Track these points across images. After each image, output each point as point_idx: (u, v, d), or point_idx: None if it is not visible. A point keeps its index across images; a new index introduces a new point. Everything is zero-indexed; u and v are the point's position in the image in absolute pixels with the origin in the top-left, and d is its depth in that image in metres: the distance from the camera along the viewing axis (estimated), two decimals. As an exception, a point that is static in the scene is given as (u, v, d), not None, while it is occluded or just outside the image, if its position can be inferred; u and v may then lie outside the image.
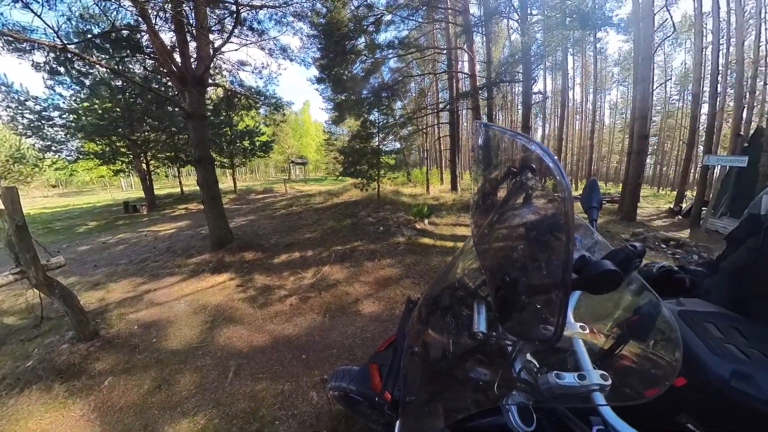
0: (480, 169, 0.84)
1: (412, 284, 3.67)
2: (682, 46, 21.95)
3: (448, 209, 7.93)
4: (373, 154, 8.10)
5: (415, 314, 0.92)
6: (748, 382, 0.50)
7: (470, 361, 0.65)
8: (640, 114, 8.18)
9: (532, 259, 0.53)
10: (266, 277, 4.10)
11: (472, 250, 0.80)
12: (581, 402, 0.50)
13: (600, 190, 0.96)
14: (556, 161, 0.43)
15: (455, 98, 11.29)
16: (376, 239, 5.32)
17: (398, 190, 10.99)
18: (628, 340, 0.58)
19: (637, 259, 0.50)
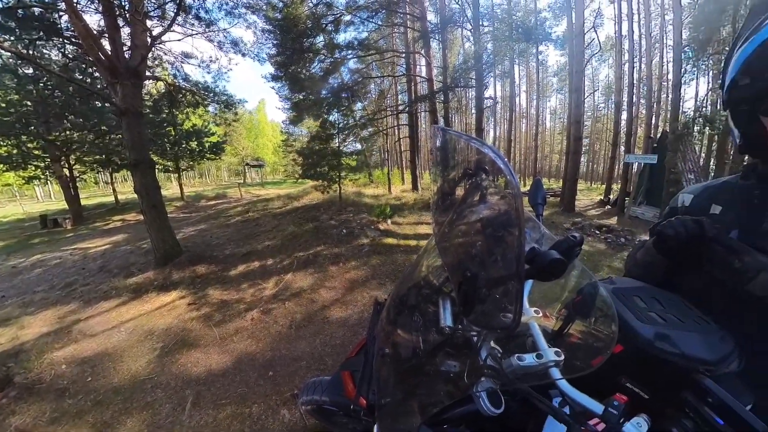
0: (439, 170, 0.87)
1: (378, 285, 3.66)
2: (606, 62, 25.06)
3: (410, 209, 8.09)
4: (333, 155, 7.96)
5: (384, 315, 0.92)
6: (667, 341, 0.59)
7: (440, 356, 0.67)
8: (575, 119, 9.28)
9: (489, 254, 0.57)
10: (222, 292, 3.77)
11: (434, 249, 0.83)
12: (541, 379, 0.55)
13: (544, 186, 1.06)
14: (506, 162, 0.47)
15: (414, 101, 11.60)
16: (340, 242, 5.23)
17: (360, 191, 10.94)
18: (575, 318, 0.66)
19: (577, 247, 0.55)
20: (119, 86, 4.12)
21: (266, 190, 16.99)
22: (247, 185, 20.80)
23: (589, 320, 0.65)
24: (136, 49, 4.33)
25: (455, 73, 9.75)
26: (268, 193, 14.88)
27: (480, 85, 9.36)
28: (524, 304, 0.66)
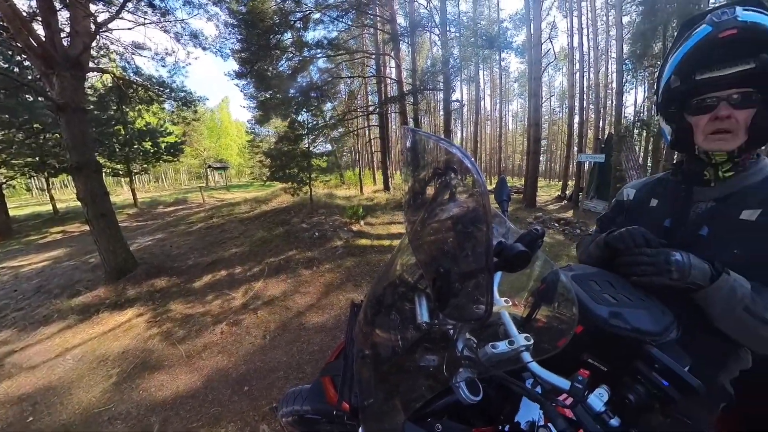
0: (409, 170, 0.89)
1: (354, 287, 3.63)
2: (561, 71, 26.99)
3: (382, 209, 8.13)
4: (303, 156, 7.75)
5: (361, 317, 0.92)
6: (619, 318, 0.66)
7: (419, 351, 0.69)
8: (534, 122, 9.98)
9: (460, 249, 0.59)
10: (186, 305, 3.50)
11: (407, 247, 0.84)
12: (514, 364, 0.58)
13: (508, 184, 1.13)
14: (473, 162, 0.49)
15: (384, 102, 11.69)
16: (313, 246, 5.11)
17: (332, 192, 10.78)
18: (540, 305, 0.71)
19: (539, 240, 0.60)
20: (56, 78, 3.65)
21: (231, 193, 16.11)
22: (209, 189, 19.50)
23: (552, 305, 0.70)
24: (76, 36, 3.86)
25: (424, 75, 10.00)
26: (233, 197, 14.10)
27: (447, 88, 9.69)
28: (495, 295, 0.69)
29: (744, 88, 0.68)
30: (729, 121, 0.70)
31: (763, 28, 0.64)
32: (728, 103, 0.69)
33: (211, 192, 17.10)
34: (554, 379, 0.56)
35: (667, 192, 0.88)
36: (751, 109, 0.68)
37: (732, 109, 0.69)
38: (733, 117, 0.69)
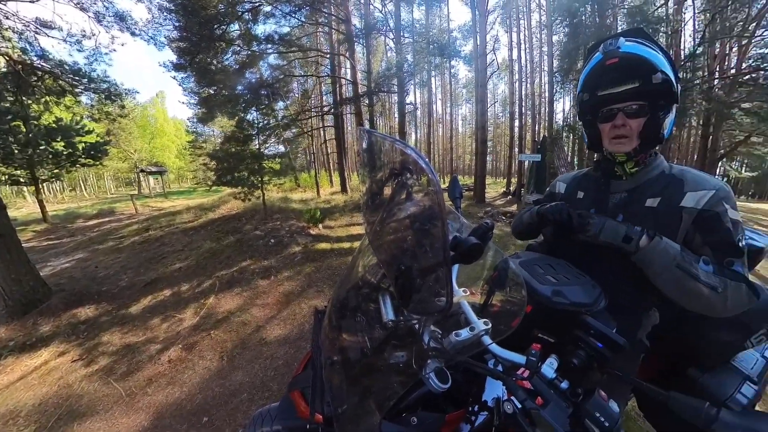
0: (366, 171, 0.89)
1: (316, 293, 3.51)
2: (503, 80, 29.39)
3: (340, 211, 8.02)
4: (253, 158, 7.26)
5: (326, 323, 0.90)
6: (560, 295, 0.76)
7: (387, 350, 0.70)
8: (481, 125, 10.75)
9: (419, 246, 0.61)
10: (123, 335, 3.00)
11: (368, 248, 0.85)
12: (477, 347, 0.63)
13: (460, 182, 1.24)
14: (427, 162, 0.51)
15: (339, 103, 11.54)
16: (269, 253, 4.82)
17: (287, 196, 10.32)
18: (495, 291, 0.79)
19: (490, 232, 0.66)
20: None
21: (171, 201, 14.50)
22: (143, 197, 17.24)
23: (505, 290, 0.78)
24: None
25: (379, 78, 10.10)
26: (173, 205, 12.70)
27: (402, 91, 9.93)
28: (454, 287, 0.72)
29: (637, 101, 0.82)
30: (625, 128, 0.85)
31: (639, 57, 0.78)
32: (624, 113, 0.84)
33: (146, 200, 15.14)
34: (512, 356, 0.62)
35: (590, 185, 1.02)
36: (642, 118, 0.83)
37: (627, 118, 0.84)
38: (627, 125, 0.84)
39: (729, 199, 0.78)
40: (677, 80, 0.81)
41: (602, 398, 0.53)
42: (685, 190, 0.82)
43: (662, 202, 0.83)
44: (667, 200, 0.83)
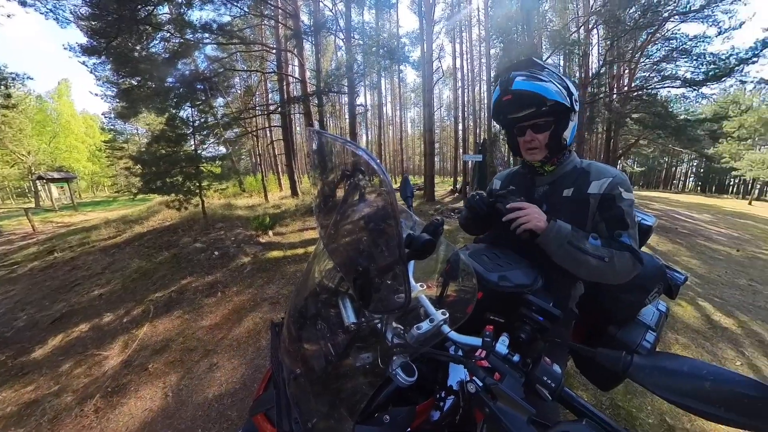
0: (317, 173, 0.88)
1: (271, 306, 3.27)
2: (448, 86, 31.36)
3: (292, 216, 7.66)
4: (189, 161, 6.51)
5: (285, 335, 0.85)
6: (506, 279, 0.86)
7: (352, 353, 0.70)
8: (428, 128, 11.33)
9: (375, 246, 0.62)
10: (22, 388, 2.38)
11: (323, 252, 0.84)
12: (437, 337, 0.66)
13: (411, 182, 1.36)
14: (378, 163, 0.52)
15: (287, 102, 10.97)
16: (213, 268, 4.36)
17: (230, 202, 9.48)
18: (449, 282, 0.84)
19: (441, 228, 0.71)
20: None
21: (83, 214, 12.20)
22: (43, 211, 14.12)
23: (458, 281, 0.84)
24: None
25: (329, 77, 9.89)
26: (87, 218, 10.71)
27: (352, 92, 9.88)
28: (411, 282, 0.76)
29: (540, 119, 0.98)
30: (534, 142, 1.01)
31: (528, 92, 0.93)
32: (531, 129, 1.00)
33: (47, 215, 12.44)
34: (469, 340, 0.67)
35: (520, 181, 1.19)
36: (547, 132, 0.99)
37: (534, 133, 1.00)
38: (535, 139, 1.01)
39: (623, 184, 0.95)
40: (571, 96, 0.97)
41: (547, 364, 0.59)
42: (590, 179, 0.99)
43: (575, 192, 1.00)
44: (578, 189, 0.99)
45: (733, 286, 4.31)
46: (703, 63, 8.96)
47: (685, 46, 9.50)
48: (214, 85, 8.63)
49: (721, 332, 3.06)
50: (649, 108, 10.03)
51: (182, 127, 6.70)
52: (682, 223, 9.03)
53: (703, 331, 3.05)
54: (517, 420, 0.50)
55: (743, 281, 4.54)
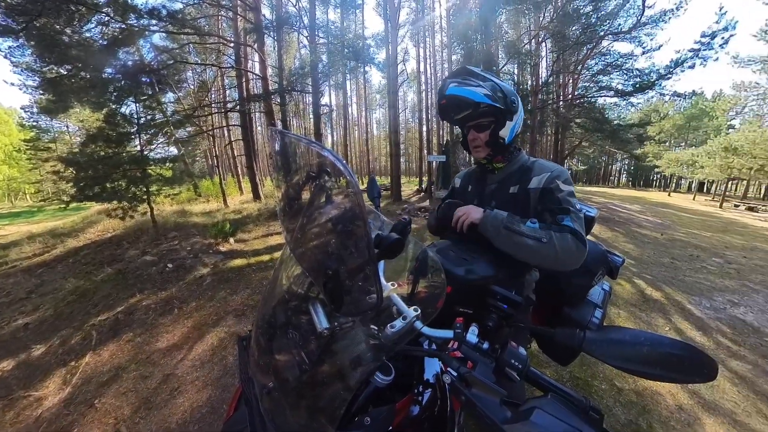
0: (281, 175, 0.86)
1: (236, 319, 3.06)
2: (412, 88, 31.95)
3: (254, 221, 7.26)
4: (134, 163, 5.85)
5: (254, 348, 0.81)
6: (472, 272, 0.90)
7: (327, 359, 0.69)
8: (394, 129, 11.45)
9: (343, 248, 0.61)
10: None
11: (290, 257, 0.82)
12: (411, 334, 0.67)
13: (377, 182, 1.34)
14: (345, 164, 0.51)
15: (246, 99, 10.36)
16: (167, 282, 3.97)
17: (185, 209, 8.71)
18: (419, 279, 0.86)
19: (408, 227, 0.72)
20: None
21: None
22: None
23: (427, 277, 0.86)
24: None
25: (292, 76, 9.55)
26: (3, 233, 9.13)
27: (317, 91, 9.65)
28: (382, 282, 0.77)
29: (481, 119, 1.08)
30: (476, 140, 1.11)
31: (458, 97, 1.04)
32: (474, 129, 1.11)
33: None
34: (442, 333, 0.69)
35: (475, 179, 1.29)
36: (488, 131, 1.09)
37: (476, 133, 1.10)
38: (477, 138, 1.11)
39: (560, 177, 1.03)
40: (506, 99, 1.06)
41: (513, 347, 0.62)
42: (531, 176, 1.07)
43: (519, 188, 1.08)
44: (522, 186, 1.08)
45: (659, 265, 5.06)
46: (631, 77, 10.48)
47: (617, 61, 11.06)
48: (163, 78, 7.86)
49: (652, 304, 3.61)
50: (589, 114, 11.38)
51: (125, 125, 6.00)
52: (619, 214, 10.27)
53: (639, 304, 3.57)
54: (491, 403, 0.52)
55: (667, 260, 5.37)
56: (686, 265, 5.12)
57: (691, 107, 32.31)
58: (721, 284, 4.30)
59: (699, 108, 32.13)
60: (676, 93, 10.51)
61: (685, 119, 32.74)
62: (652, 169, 36.74)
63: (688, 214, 11.84)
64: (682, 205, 15.31)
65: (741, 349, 2.78)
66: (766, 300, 3.84)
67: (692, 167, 22.52)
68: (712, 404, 2.09)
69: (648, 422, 1.90)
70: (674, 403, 2.07)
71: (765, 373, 2.45)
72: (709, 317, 3.33)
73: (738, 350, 2.76)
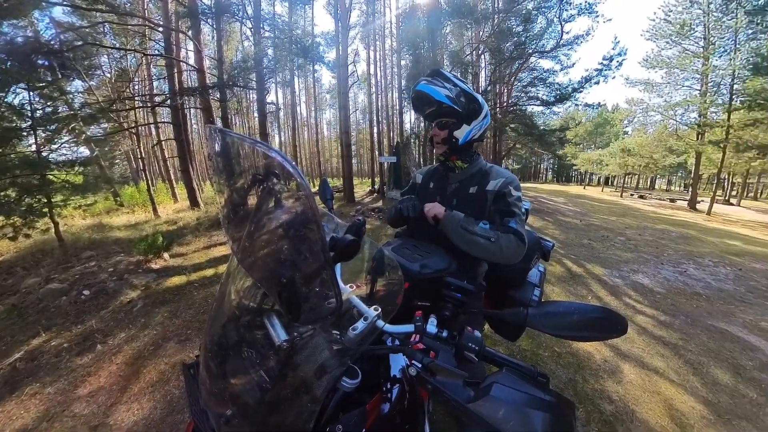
0: (223, 179, 0.78)
1: (179, 345, 2.68)
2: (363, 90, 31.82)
3: (193, 231, 6.51)
4: (28, 167, 4.75)
5: (204, 375, 0.73)
6: (426, 267, 0.97)
7: (290, 373, 0.65)
8: (345, 130, 11.35)
9: (297, 254, 0.59)
10: None
11: (238, 269, 0.77)
12: (374, 334, 0.67)
13: (330, 184, 1.35)
14: (294, 166, 0.50)
15: (179, 93, 9.15)
16: (83, 314, 3.29)
17: (102, 222, 7.40)
18: (377, 279, 0.88)
19: (363, 227, 0.73)
20: None
21: None
22: None
23: (385, 275, 0.88)
24: None
25: (234, 69, 8.75)
26: None
27: (262, 88, 9.04)
28: (340, 285, 0.75)
29: (443, 118, 1.18)
30: (437, 137, 1.21)
31: (424, 93, 1.13)
32: (437, 126, 1.20)
33: None
34: (403, 329, 0.71)
35: (437, 177, 1.37)
36: (447, 130, 1.18)
37: (438, 130, 1.19)
38: (438, 135, 1.20)
39: (513, 183, 1.16)
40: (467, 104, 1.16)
41: (470, 332, 0.66)
42: (489, 179, 1.19)
43: (477, 189, 1.19)
44: (481, 187, 1.19)
45: (580, 246, 6.09)
46: (553, 89, 12.54)
47: (542, 76, 13.20)
48: (68, 62, 6.52)
49: (577, 278, 4.33)
50: (521, 120, 13.06)
51: (13, 118, 4.83)
52: (547, 205, 11.99)
53: (568, 280, 4.26)
54: (455, 386, 0.55)
55: (586, 241, 6.47)
56: (600, 244, 6.20)
57: (597, 116, 38.59)
58: (625, 257, 5.34)
59: (603, 117, 38.80)
60: (587, 104, 12.86)
61: (594, 126, 39.12)
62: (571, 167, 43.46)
63: (599, 203, 14.54)
64: (594, 196, 18.80)
65: (642, 306, 3.52)
66: (656, 266, 4.91)
67: (600, 165, 27.70)
68: (626, 353, 2.59)
69: (583, 377, 2.26)
70: (601, 358, 2.50)
71: (660, 322, 3.14)
72: (618, 284, 4.14)
73: (640, 307, 3.48)
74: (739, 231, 9.50)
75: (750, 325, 3.13)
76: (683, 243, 6.63)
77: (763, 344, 2.79)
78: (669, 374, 2.36)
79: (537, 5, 10.53)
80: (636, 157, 21.73)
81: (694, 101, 15.48)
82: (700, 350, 2.67)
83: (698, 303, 3.63)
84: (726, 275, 4.62)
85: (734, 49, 13.38)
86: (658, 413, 1.98)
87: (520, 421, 0.48)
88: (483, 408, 0.50)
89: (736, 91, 13.36)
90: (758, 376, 2.35)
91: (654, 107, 19.73)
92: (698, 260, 5.30)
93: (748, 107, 12.07)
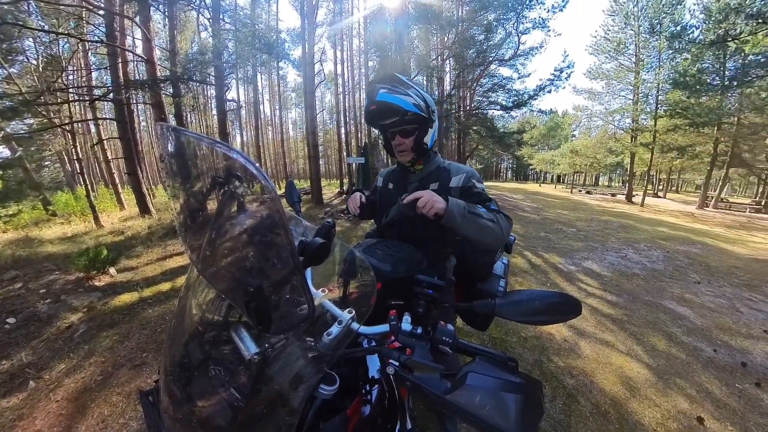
0: (177, 182, 0.71)
1: (134, 371, 2.41)
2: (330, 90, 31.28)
3: (145, 241, 5.90)
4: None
5: (166, 402, 0.67)
6: (397, 266, 0.98)
7: (263, 388, 0.62)
8: (311, 130, 11.08)
9: (264, 260, 0.56)
10: None
11: (199, 280, 0.73)
12: (349, 337, 0.66)
13: (297, 186, 1.31)
14: (258, 167, 0.47)
15: (124, 86, 8.16)
16: (9, 346, 2.81)
17: (29, 235, 6.43)
18: (349, 280, 0.87)
19: (333, 229, 0.70)
20: None
21: None
22: None
23: (357, 277, 0.87)
24: None
25: (189, 62, 8.05)
26: None
27: (221, 84, 8.50)
28: (312, 290, 0.75)
29: (406, 125, 1.16)
30: (402, 145, 1.20)
31: (388, 104, 1.09)
32: (400, 135, 1.19)
33: None
34: (378, 329, 0.71)
35: (397, 178, 1.40)
36: (412, 137, 1.18)
37: (402, 138, 1.18)
38: (403, 143, 1.19)
39: (474, 177, 1.21)
40: (428, 108, 1.18)
41: (443, 326, 0.68)
42: (451, 176, 1.22)
43: (439, 185, 1.21)
44: (442, 183, 1.21)
45: (538, 238, 6.61)
46: (511, 95, 13.70)
47: (501, 82, 14.51)
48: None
49: (536, 268, 4.70)
50: (483, 123, 13.99)
51: None
52: (508, 202, 12.87)
53: (528, 270, 4.55)
54: (433, 380, 0.56)
55: (542, 234, 7.06)
56: (554, 236, 6.72)
57: (550, 121, 42.08)
58: (576, 246, 5.84)
59: (555, 122, 42.48)
60: (541, 110, 14.64)
61: (547, 129, 42.71)
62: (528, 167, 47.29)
63: (552, 199, 16.04)
64: (549, 193, 20.87)
65: (592, 288, 3.91)
66: (602, 253, 5.46)
67: (553, 164, 30.48)
68: (581, 331, 2.87)
69: (547, 356, 2.47)
70: (561, 338, 2.74)
71: (607, 302, 3.50)
72: (572, 271, 4.54)
73: (591, 290, 3.85)
74: (666, 219, 11.27)
75: (678, 298, 3.66)
76: (623, 231, 7.60)
77: (687, 312, 3.30)
78: (618, 346, 2.67)
79: (497, 17, 11.13)
80: (582, 158, 24.47)
81: (628, 109, 18.05)
82: (641, 323, 3.05)
83: (637, 282, 4.14)
84: (657, 257, 5.35)
85: (659, 66, 15.91)
86: (612, 381, 2.23)
87: (495, 405, 0.49)
88: (460, 397, 0.51)
89: (660, 101, 15.73)
90: (686, 340, 2.78)
91: (596, 113, 22.78)
92: (636, 245, 6.12)
93: (670, 115, 14.47)
